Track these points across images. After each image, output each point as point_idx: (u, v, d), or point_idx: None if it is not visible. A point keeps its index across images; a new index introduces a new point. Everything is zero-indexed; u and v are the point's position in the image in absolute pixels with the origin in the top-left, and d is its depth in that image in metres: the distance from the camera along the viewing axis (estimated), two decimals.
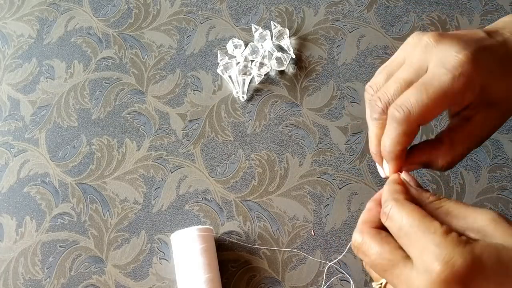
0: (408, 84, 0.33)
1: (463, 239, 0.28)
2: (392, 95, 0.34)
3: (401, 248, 0.30)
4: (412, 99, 0.32)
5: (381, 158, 0.37)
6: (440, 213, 0.31)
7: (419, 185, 0.35)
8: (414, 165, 0.37)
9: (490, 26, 0.37)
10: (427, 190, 0.34)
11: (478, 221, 0.29)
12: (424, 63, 0.33)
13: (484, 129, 0.35)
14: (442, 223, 0.30)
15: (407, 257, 0.30)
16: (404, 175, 0.35)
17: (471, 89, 0.32)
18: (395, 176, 0.35)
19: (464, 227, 0.30)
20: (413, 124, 0.32)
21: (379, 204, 0.35)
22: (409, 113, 0.32)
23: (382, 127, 0.35)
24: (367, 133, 0.38)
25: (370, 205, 0.36)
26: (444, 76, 0.31)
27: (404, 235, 0.30)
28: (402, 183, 0.34)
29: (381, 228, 0.33)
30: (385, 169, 0.37)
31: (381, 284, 0.34)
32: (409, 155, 0.37)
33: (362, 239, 0.33)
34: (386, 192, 0.34)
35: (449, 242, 0.28)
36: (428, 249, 0.28)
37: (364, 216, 0.35)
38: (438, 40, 0.33)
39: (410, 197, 0.33)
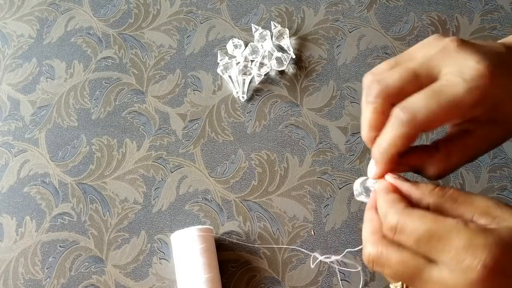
0: (414, 76, 0.31)
1: (483, 227, 0.27)
2: (393, 81, 0.31)
3: (419, 252, 0.29)
4: (420, 103, 0.30)
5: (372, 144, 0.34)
6: (445, 203, 0.30)
7: (406, 180, 0.33)
8: (404, 166, 0.34)
9: (507, 40, 0.35)
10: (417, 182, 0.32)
11: (484, 206, 0.29)
12: (439, 63, 0.31)
13: (484, 144, 0.33)
14: (451, 214, 0.29)
15: (430, 259, 0.29)
16: (389, 178, 0.33)
17: (483, 104, 0.30)
18: (384, 185, 0.33)
19: (472, 213, 0.29)
20: (416, 129, 0.30)
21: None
22: (414, 117, 0.30)
23: (375, 112, 0.32)
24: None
25: (370, 215, 0.34)
26: (459, 86, 0.29)
27: (425, 244, 0.28)
28: (395, 189, 0.32)
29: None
30: (371, 171, 0.35)
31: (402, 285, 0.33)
32: (400, 156, 0.34)
33: (378, 251, 0.30)
34: (383, 206, 0.32)
35: (474, 235, 0.27)
36: (458, 248, 0.27)
37: (369, 228, 0.33)
38: (460, 46, 0.31)
39: (408, 200, 0.31)
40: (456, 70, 0.30)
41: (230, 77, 0.68)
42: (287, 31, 0.69)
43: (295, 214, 0.61)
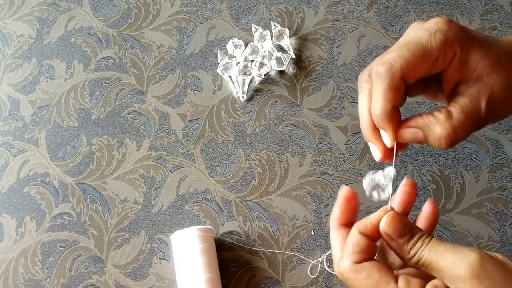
0: (412, 50, 0.34)
1: None
2: (392, 56, 0.34)
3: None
4: (393, 54, 0.33)
5: (373, 132, 0.35)
6: (421, 267, 0.31)
7: (407, 226, 0.32)
8: (410, 134, 0.35)
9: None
10: (412, 228, 0.32)
11: (455, 273, 0.29)
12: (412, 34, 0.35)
13: (478, 106, 0.34)
14: (423, 276, 0.31)
15: None
16: (385, 227, 0.32)
17: (450, 49, 0.33)
18: (364, 225, 0.33)
19: (443, 278, 0.30)
20: (397, 77, 0.33)
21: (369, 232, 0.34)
22: (391, 66, 0.33)
23: (369, 95, 0.35)
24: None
25: (341, 233, 0.36)
26: (422, 33, 0.33)
27: None
28: (374, 234, 0.33)
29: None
30: (385, 139, 0.35)
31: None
32: (404, 121, 0.35)
33: (346, 273, 0.33)
34: (347, 246, 0.33)
35: None
36: None
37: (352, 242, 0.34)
38: (423, 20, 0.36)
39: (378, 253, 0.34)
40: (420, 27, 0.34)
41: (230, 77, 0.68)
42: (287, 31, 0.69)
43: (295, 214, 0.61)
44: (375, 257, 0.33)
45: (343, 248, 0.33)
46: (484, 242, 0.58)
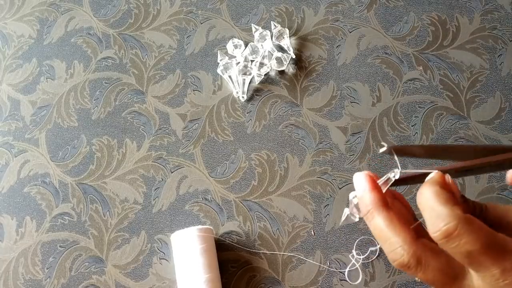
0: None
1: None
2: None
3: (464, 262, 0.27)
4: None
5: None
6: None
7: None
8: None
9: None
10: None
11: None
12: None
13: None
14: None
15: (468, 269, 0.28)
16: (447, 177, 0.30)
17: None
18: (435, 178, 0.31)
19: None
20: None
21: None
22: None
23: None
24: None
25: (385, 213, 0.31)
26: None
27: (477, 256, 0.27)
28: (447, 187, 0.30)
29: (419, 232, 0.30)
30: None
31: None
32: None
33: (416, 255, 0.29)
34: (436, 203, 0.28)
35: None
36: (506, 268, 0.26)
37: (397, 225, 0.30)
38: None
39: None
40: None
41: (230, 77, 0.68)
42: (287, 31, 0.69)
43: (295, 214, 0.61)
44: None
45: (430, 218, 0.28)
46: None
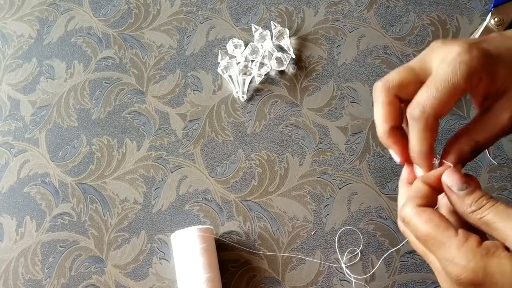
0: (410, 69, 0.37)
1: (481, 250, 0.30)
2: (392, 76, 0.37)
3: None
4: (423, 96, 0.35)
5: (390, 139, 0.38)
6: (482, 225, 0.32)
7: (467, 182, 0.34)
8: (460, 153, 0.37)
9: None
10: (476, 188, 0.34)
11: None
12: (429, 59, 0.36)
13: (502, 118, 0.36)
14: (477, 231, 0.32)
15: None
16: (446, 178, 0.35)
17: (476, 75, 0.34)
18: (427, 175, 0.36)
19: (504, 240, 0.31)
20: (431, 118, 0.35)
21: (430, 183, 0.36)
22: (424, 109, 0.34)
23: (383, 105, 0.37)
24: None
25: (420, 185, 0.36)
26: (446, 68, 0.34)
27: (423, 242, 0.33)
28: (435, 184, 0.35)
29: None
30: (418, 173, 0.38)
31: None
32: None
33: (407, 216, 0.34)
34: (410, 192, 0.35)
35: (463, 254, 0.30)
36: (443, 260, 0.31)
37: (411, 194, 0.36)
38: (443, 43, 0.37)
39: (432, 201, 0.35)
40: (441, 58, 0.35)
41: (230, 77, 0.68)
42: (287, 31, 0.69)
43: (295, 214, 0.61)
44: None
45: (407, 196, 0.35)
46: None
